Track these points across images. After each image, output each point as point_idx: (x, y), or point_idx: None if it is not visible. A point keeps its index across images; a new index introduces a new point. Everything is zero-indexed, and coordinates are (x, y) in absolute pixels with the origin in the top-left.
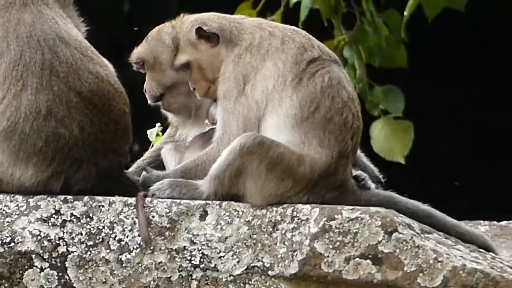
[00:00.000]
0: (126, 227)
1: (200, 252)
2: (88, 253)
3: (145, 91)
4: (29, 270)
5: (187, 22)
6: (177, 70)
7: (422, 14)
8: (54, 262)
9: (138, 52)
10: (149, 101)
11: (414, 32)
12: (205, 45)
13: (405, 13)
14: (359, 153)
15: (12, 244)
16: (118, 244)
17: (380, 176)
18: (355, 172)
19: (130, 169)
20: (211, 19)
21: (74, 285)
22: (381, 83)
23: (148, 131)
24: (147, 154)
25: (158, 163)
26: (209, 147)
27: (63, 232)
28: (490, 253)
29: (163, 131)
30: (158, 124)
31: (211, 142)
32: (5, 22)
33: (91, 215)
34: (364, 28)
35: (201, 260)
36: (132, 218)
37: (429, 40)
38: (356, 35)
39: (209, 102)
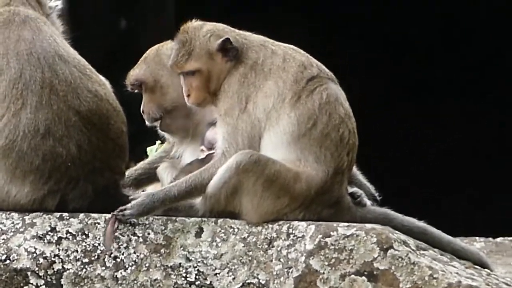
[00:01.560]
0: (122, 244)
1: (196, 269)
2: (84, 270)
3: (143, 112)
4: (25, 287)
5: (203, 30)
6: (183, 74)
7: None
8: (49, 280)
9: (136, 74)
10: (146, 122)
11: None
12: (221, 58)
13: None
14: (355, 171)
15: (8, 261)
16: (114, 261)
17: (376, 194)
18: (351, 189)
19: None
20: (227, 32)
21: None
22: None
23: (148, 148)
24: (139, 165)
25: (149, 176)
26: (214, 160)
27: (59, 249)
28: (486, 269)
29: None
30: (158, 142)
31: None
32: (5, 39)
33: (86, 232)
34: None
35: (197, 277)
36: (128, 236)
37: None
38: None
39: (205, 127)
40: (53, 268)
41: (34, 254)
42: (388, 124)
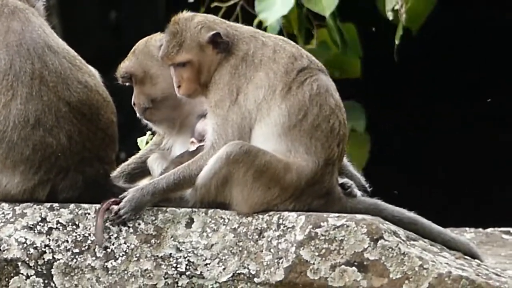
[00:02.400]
0: (112, 235)
1: (186, 259)
2: (74, 260)
3: (134, 104)
4: (15, 277)
5: (193, 21)
6: (173, 65)
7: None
8: (40, 270)
9: (126, 66)
10: (138, 114)
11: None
12: (211, 50)
13: (396, 41)
14: (346, 162)
15: None
16: (104, 252)
17: (366, 185)
18: (341, 180)
19: (114, 173)
20: (217, 23)
21: None
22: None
23: (138, 139)
24: (132, 160)
25: (142, 170)
26: (202, 152)
27: (49, 240)
28: (476, 260)
29: None
30: (148, 133)
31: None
32: None
33: (77, 222)
34: (324, 42)
35: (187, 267)
36: (118, 226)
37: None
38: (318, 50)
39: (196, 119)
40: (43, 258)
41: (25, 244)
42: (393, 121)
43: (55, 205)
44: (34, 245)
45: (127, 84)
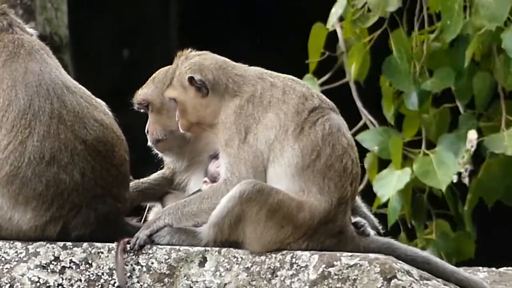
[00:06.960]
0: (126, 274)
1: None
2: None
3: (147, 132)
4: None
5: (187, 62)
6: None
7: None
8: None
9: (144, 94)
10: (149, 142)
11: None
12: (194, 92)
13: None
14: (360, 203)
15: None
16: None
17: (380, 227)
18: (355, 219)
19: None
20: (210, 68)
21: None
22: None
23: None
24: (146, 179)
25: (153, 192)
26: (215, 185)
27: (62, 279)
28: None
29: None
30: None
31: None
32: (12, 72)
33: (90, 261)
34: (445, 233)
35: None
36: (132, 265)
37: None
38: (438, 241)
39: (208, 159)
40: None
41: (38, 283)
42: None
43: (68, 244)
44: (47, 284)
45: (141, 111)
